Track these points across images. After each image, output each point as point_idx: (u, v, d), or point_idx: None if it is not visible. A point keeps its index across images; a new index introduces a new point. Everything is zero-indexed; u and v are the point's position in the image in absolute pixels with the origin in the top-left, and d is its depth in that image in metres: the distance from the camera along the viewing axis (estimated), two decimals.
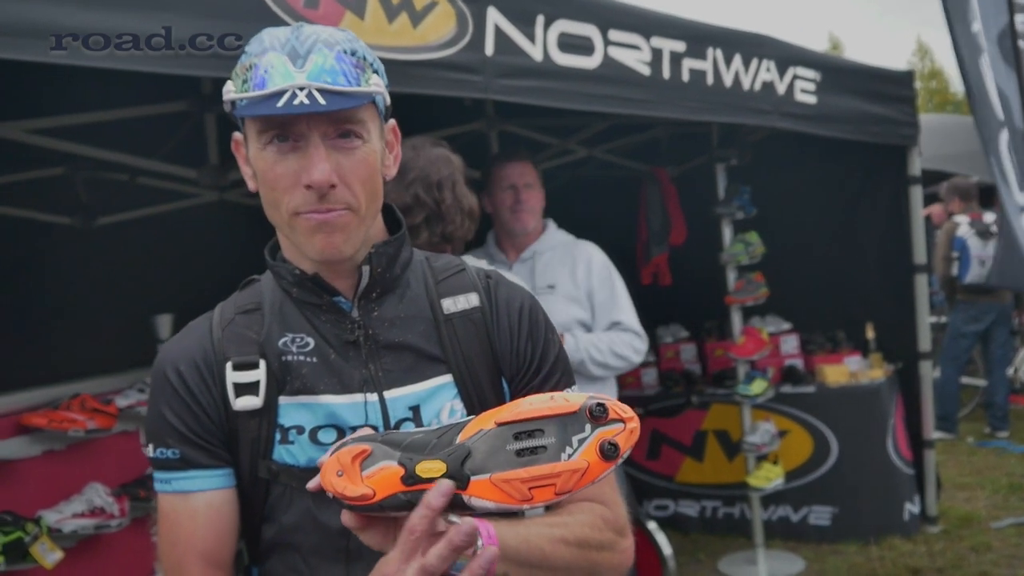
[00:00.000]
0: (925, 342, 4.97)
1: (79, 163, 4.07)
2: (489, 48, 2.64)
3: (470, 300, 1.31)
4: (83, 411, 3.20)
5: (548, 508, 1.16)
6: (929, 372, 5.05)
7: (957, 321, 7.07)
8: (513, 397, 1.30)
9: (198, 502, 1.22)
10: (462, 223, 2.41)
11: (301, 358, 1.23)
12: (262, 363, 1.22)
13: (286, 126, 1.14)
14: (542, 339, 1.34)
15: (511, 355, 1.31)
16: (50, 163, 4.07)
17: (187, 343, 1.27)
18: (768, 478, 4.53)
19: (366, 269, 1.24)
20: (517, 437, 0.97)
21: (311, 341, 1.24)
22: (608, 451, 0.95)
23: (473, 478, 0.96)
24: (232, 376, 1.21)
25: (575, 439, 0.96)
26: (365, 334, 1.25)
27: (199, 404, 1.22)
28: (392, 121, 1.30)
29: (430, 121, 4.35)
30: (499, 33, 2.66)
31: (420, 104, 3.17)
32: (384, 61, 2.40)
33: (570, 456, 0.96)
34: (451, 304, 1.30)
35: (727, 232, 4.48)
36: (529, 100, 2.78)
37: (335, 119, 1.14)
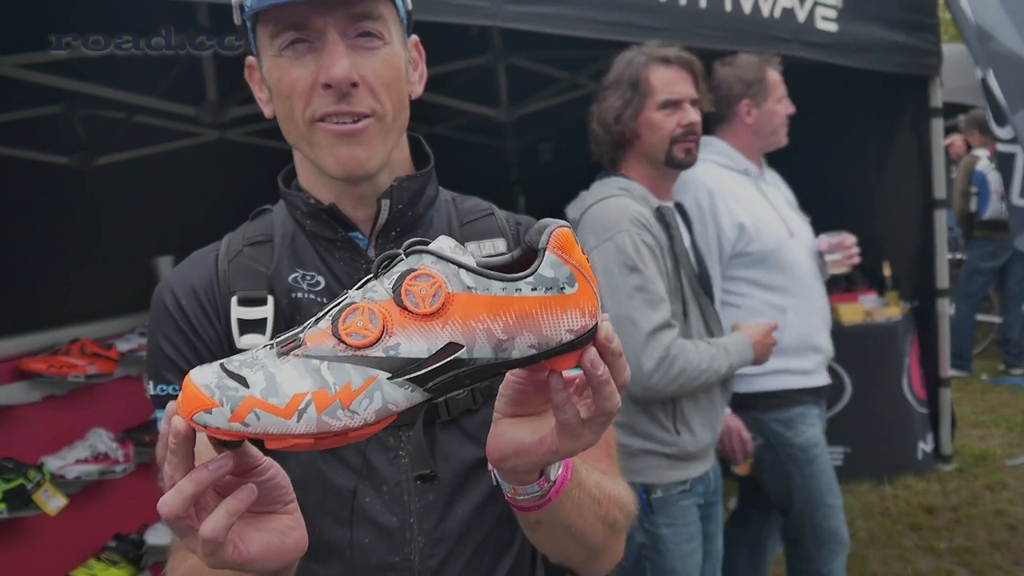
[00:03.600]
0: (943, 279, 4.86)
1: (76, 100, 3.95)
2: None
3: (496, 246, 1.21)
4: (83, 356, 3.13)
5: None
6: (946, 310, 4.95)
7: (974, 257, 6.95)
8: None
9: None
10: None
11: (312, 297, 1.13)
12: (270, 299, 1.12)
13: (300, 25, 1.04)
14: None
15: None
16: (46, 101, 3.96)
17: (188, 272, 1.17)
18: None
19: (385, 203, 1.13)
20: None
21: (321, 280, 1.14)
22: None
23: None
24: (237, 311, 1.12)
25: None
26: None
27: (199, 337, 1.12)
28: (415, 37, 1.19)
29: (433, 54, 4.20)
30: None
31: (423, 35, 3.03)
32: None
33: None
34: (476, 249, 1.19)
35: None
36: (539, 27, 2.65)
37: (353, 15, 1.04)
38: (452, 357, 0.73)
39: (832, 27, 3.78)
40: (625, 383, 0.82)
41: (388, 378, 0.72)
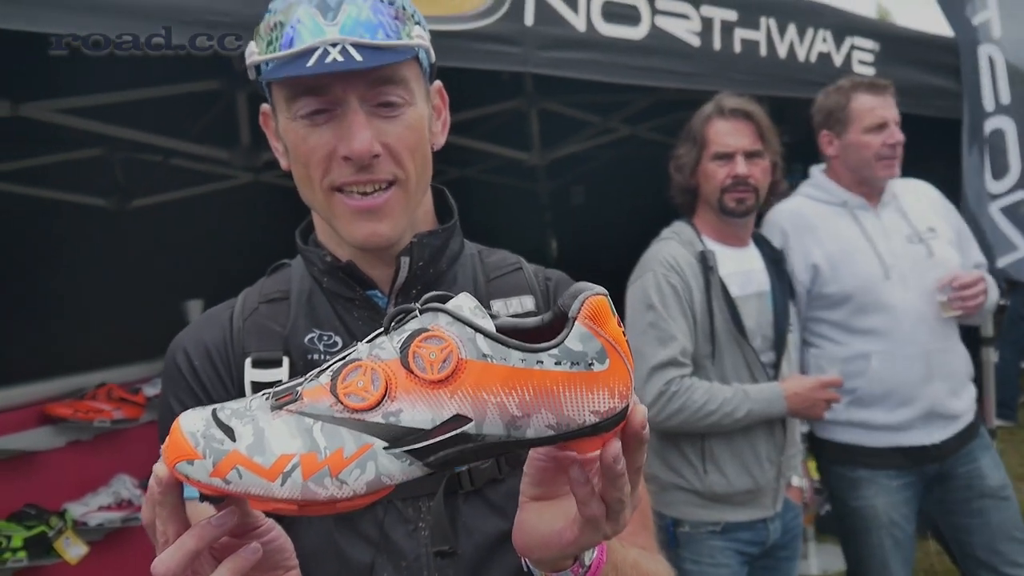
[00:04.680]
0: (987, 327, 4.71)
1: (114, 144, 4.00)
2: (529, 18, 2.48)
3: (524, 303, 1.14)
4: (109, 401, 3.12)
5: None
6: (991, 359, 4.79)
7: (1017, 303, 6.78)
8: None
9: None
10: None
11: (328, 358, 1.06)
12: (285, 360, 1.07)
13: (318, 91, 0.99)
14: None
15: None
16: (82, 144, 4.00)
17: (203, 331, 1.13)
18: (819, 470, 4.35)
19: (405, 261, 1.08)
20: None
21: (339, 340, 1.09)
22: None
23: None
24: (251, 374, 1.07)
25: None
26: None
27: (211, 400, 1.07)
28: (438, 83, 1.15)
29: (465, 98, 4.20)
30: (539, 2, 2.50)
31: (455, 79, 3.03)
32: None
33: None
34: (502, 307, 1.13)
35: None
36: (571, 73, 2.62)
37: (374, 80, 0.99)
38: (458, 431, 0.67)
39: (870, 71, 3.73)
40: (640, 467, 0.76)
41: (384, 448, 0.66)
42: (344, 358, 0.71)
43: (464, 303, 0.70)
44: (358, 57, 0.95)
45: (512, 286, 1.16)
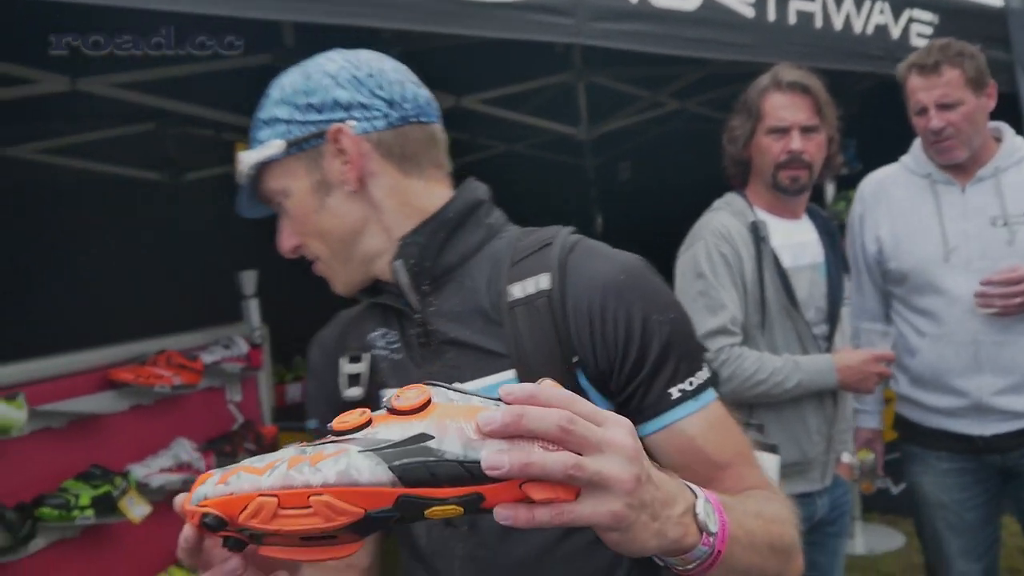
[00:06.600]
0: None
1: (168, 118, 4.08)
2: None
3: (539, 283, 1.09)
4: (169, 367, 3.20)
5: None
6: None
7: None
8: (615, 398, 1.08)
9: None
10: None
11: (383, 353, 1.22)
12: (366, 356, 1.21)
13: None
14: (638, 319, 1.06)
15: (594, 345, 1.07)
16: (136, 119, 4.09)
17: (328, 329, 1.33)
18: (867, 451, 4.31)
19: (400, 264, 1.14)
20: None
21: (397, 337, 1.21)
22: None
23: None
24: (345, 367, 1.23)
25: None
26: (424, 330, 1.16)
27: (324, 385, 1.27)
28: (332, 127, 1.11)
29: (514, 71, 4.20)
30: None
31: (505, 52, 3.03)
32: (467, 3, 2.27)
33: None
34: (518, 290, 1.10)
35: (830, 188, 4.23)
36: (624, 45, 2.61)
37: (262, 199, 1.20)
38: (421, 444, 0.75)
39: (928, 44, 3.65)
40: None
41: (358, 451, 0.76)
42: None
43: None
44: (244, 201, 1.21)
45: (533, 266, 1.11)
